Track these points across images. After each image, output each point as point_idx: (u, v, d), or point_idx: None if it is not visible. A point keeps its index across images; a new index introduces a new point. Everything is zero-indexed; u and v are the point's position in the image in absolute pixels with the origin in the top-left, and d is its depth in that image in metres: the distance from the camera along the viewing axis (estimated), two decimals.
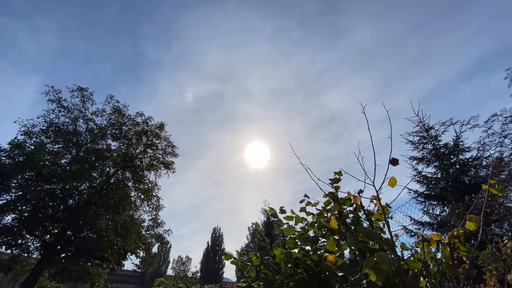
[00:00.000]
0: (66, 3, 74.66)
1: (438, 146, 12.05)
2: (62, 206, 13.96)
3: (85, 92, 16.69)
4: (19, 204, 12.91)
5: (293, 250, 2.20)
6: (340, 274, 2.02)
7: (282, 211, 2.51)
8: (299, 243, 2.22)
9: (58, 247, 13.77)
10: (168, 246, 52.62)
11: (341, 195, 2.01)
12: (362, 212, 1.90)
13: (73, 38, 77.96)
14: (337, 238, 1.88)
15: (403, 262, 1.61)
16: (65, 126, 15.94)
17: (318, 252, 2.18)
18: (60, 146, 15.13)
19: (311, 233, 2.21)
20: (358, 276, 1.57)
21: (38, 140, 14.65)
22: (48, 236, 14.03)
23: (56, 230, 14.05)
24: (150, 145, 17.67)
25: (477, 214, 1.55)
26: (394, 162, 1.69)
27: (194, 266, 65.31)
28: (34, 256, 14.15)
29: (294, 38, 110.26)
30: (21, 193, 12.95)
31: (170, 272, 52.85)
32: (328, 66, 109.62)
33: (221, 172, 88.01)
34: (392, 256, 1.54)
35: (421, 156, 12.50)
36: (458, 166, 11.34)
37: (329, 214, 2.03)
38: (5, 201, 12.82)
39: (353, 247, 1.81)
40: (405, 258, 1.75)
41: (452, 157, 11.68)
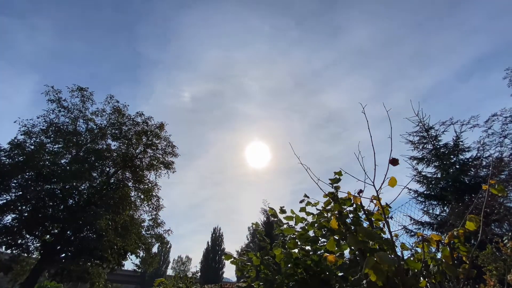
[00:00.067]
0: (63, 3, 74.62)
1: (438, 146, 12.06)
2: (62, 206, 13.97)
3: (85, 92, 16.70)
4: (19, 204, 12.91)
5: (293, 250, 2.20)
6: (340, 274, 2.02)
7: (282, 211, 2.51)
8: (299, 243, 2.22)
9: (58, 247, 13.78)
10: (168, 246, 52.67)
11: (341, 195, 2.01)
12: (362, 212, 1.90)
13: (70, 38, 77.74)
14: (337, 238, 1.88)
15: (403, 262, 1.61)
16: (65, 126, 15.95)
17: (318, 252, 2.18)
18: (60, 146, 15.13)
19: (311, 233, 2.21)
20: (358, 276, 1.57)
21: (38, 140, 14.65)
22: (48, 236, 14.03)
23: (56, 230, 14.05)
24: (150, 145, 17.67)
25: (477, 214, 1.55)
26: (394, 162, 1.69)
27: (194, 266, 65.33)
28: (34, 256, 14.15)
29: (292, 38, 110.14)
30: (21, 193, 12.96)
31: (170, 272, 52.92)
32: (326, 65, 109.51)
33: (220, 172, 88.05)
34: (392, 256, 1.54)
35: (421, 156, 12.52)
36: (458, 166, 11.35)
37: (329, 214, 2.03)
38: (5, 201, 12.83)
39: (353, 247, 1.81)
40: (405, 258, 1.75)
41: (452, 157, 11.68)
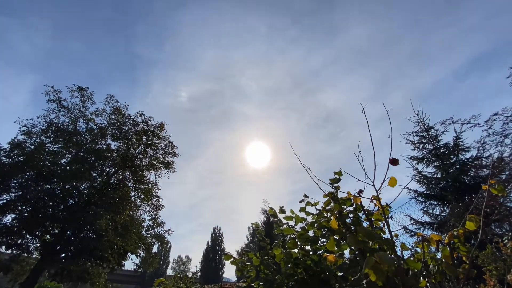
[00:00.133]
0: (60, 3, 74.40)
1: (438, 146, 12.05)
2: (62, 206, 13.96)
3: (85, 92, 16.70)
4: (19, 204, 12.91)
5: (293, 250, 2.20)
6: (340, 274, 2.01)
7: (282, 211, 2.51)
8: (299, 243, 2.21)
9: (58, 247, 13.77)
10: (168, 246, 52.69)
11: (341, 195, 2.01)
12: (362, 212, 1.90)
13: (67, 37, 77.54)
14: (337, 238, 1.88)
15: (403, 262, 1.61)
16: (65, 126, 15.95)
17: (318, 252, 2.18)
18: (60, 146, 15.13)
19: (311, 233, 2.21)
20: (358, 276, 1.57)
21: (38, 140, 14.65)
22: (48, 236, 14.03)
23: (56, 230, 14.04)
24: (150, 145, 17.67)
25: (477, 214, 1.55)
26: (394, 162, 1.69)
27: (194, 266, 65.32)
28: (34, 256, 14.14)
29: (289, 37, 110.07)
30: (21, 193, 12.95)
31: (170, 272, 52.91)
32: (324, 65, 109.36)
33: (218, 172, 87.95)
34: (392, 256, 1.53)
35: (421, 156, 12.51)
36: (458, 166, 11.34)
37: (329, 214, 2.03)
38: (5, 201, 12.83)
39: (353, 247, 1.81)
40: (405, 258, 1.75)
41: (452, 157, 11.68)
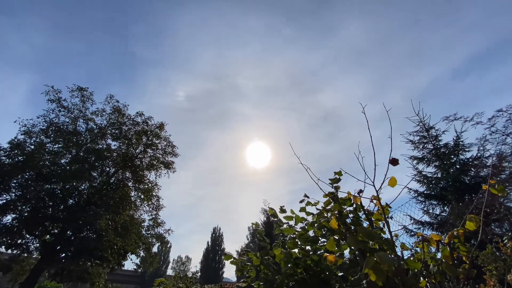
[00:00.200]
0: (56, 2, 74.30)
1: (439, 146, 12.05)
2: (62, 206, 13.97)
3: (85, 92, 16.71)
4: (19, 204, 12.91)
5: (293, 250, 2.20)
6: (340, 274, 2.01)
7: (282, 211, 2.50)
8: (299, 243, 2.21)
9: (58, 247, 13.78)
10: (168, 246, 52.71)
11: (341, 195, 2.01)
12: (362, 212, 1.90)
13: (64, 37, 77.55)
14: (337, 238, 1.88)
15: (403, 262, 1.60)
16: (65, 126, 15.95)
17: (318, 252, 2.18)
18: (60, 146, 15.13)
19: (311, 233, 2.21)
20: (358, 276, 1.57)
21: (38, 140, 14.66)
22: (48, 236, 14.03)
23: (56, 230, 14.05)
24: (150, 145, 17.67)
25: (477, 214, 1.55)
26: (394, 162, 1.68)
27: (194, 266, 65.36)
28: (34, 256, 14.16)
29: (286, 36, 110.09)
30: (21, 193, 12.95)
31: (170, 272, 52.89)
32: (321, 64, 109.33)
33: (217, 171, 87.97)
34: (392, 256, 1.53)
35: (421, 155, 12.50)
36: (458, 166, 11.34)
37: (329, 214, 2.03)
38: (5, 201, 12.83)
39: (353, 247, 1.81)
40: (405, 258, 1.75)
41: (452, 156, 11.67)
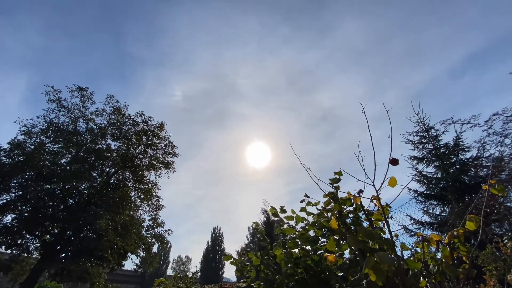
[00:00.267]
0: (52, 1, 74.04)
1: (438, 146, 12.05)
2: (62, 206, 13.96)
3: (85, 92, 16.72)
4: (19, 204, 12.91)
5: (293, 250, 2.20)
6: (340, 274, 2.02)
7: (283, 211, 2.51)
8: (300, 243, 2.21)
9: (58, 247, 13.77)
10: (168, 246, 52.65)
11: (341, 195, 2.01)
12: (362, 212, 1.90)
13: (58, 36, 77.22)
14: (337, 238, 1.88)
15: (403, 262, 1.61)
16: (65, 126, 15.95)
17: (318, 252, 2.18)
18: (60, 146, 15.13)
19: (312, 233, 2.21)
20: (358, 276, 1.57)
21: (38, 140, 14.66)
22: (48, 236, 14.02)
23: (56, 230, 14.04)
24: (150, 145, 17.67)
25: (477, 214, 1.55)
26: (394, 162, 1.68)
27: (194, 266, 65.38)
28: (34, 256, 14.14)
29: (281, 35, 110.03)
30: (21, 193, 12.95)
31: (170, 272, 52.93)
32: (317, 63, 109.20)
33: (216, 171, 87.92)
34: (392, 256, 1.54)
35: (421, 155, 12.51)
36: (458, 166, 11.34)
37: (329, 214, 2.03)
38: (5, 201, 12.83)
39: (353, 247, 1.81)
40: (405, 258, 1.75)
41: (452, 157, 11.67)
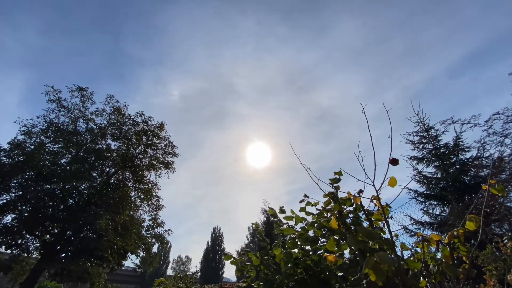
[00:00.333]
0: (50, 1, 73.94)
1: (438, 146, 12.05)
2: (62, 206, 13.96)
3: (84, 92, 16.71)
4: (19, 204, 12.90)
5: (293, 250, 2.20)
6: (340, 274, 2.01)
7: (282, 211, 2.50)
8: (299, 243, 2.21)
9: (58, 247, 13.77)
10: (168, 246, 52.69)
11: (341, 195, 2.01)
12: (362, 212, 1.90)
13: (57, 36, 77.29)
14: (337, 238, 1.88)
15: (403, 262, 1.60)
16: (65, 126, 15.95)
17: (318, 252, 2.18)
18: (60, 146, 15.13)
19: (311, 233, 2.21)
20: (358, 276, 1.57)
21: (38, 140, 14.65)
22: (48, 236, 14.02)
23: (56, 230, 14.04)
24: (150, 145, 17.67)
25: (477, 214, 1.55)
26: (394, 162, 1.68)
27: (194, 266, 65.34)
28: (34, 256, 14.14)
29: (280, 34, 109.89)
30: (21, 193, 12.95)
31: (170, 272, 52.93)
32: (315, 62, 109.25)
33: (217, 171, 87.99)
34: (392, 256, 1.53)
35: (421, 156, 12.51)
36: (458, 166, 11.34)
37: (329, 214, 2.02)
38: (5, 201, 12.83)
39: (353, 247, 1.81)
40: (405, 258, 1.75)
41: (452, 157, 11.67)
